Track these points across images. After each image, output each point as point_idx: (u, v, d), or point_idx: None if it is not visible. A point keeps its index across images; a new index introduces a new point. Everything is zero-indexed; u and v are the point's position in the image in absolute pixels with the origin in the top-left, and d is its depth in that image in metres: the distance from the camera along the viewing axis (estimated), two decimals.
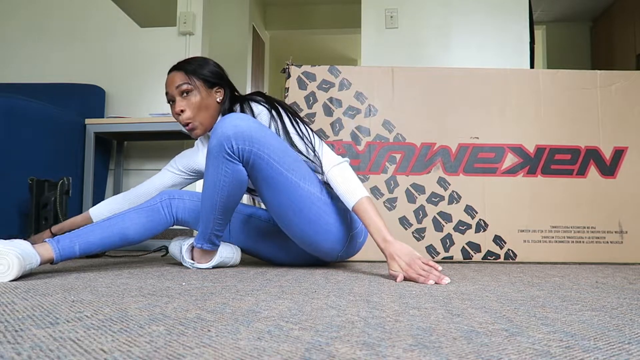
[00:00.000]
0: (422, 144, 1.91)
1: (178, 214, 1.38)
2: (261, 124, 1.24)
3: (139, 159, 2.72)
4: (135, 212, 1.31)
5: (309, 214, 1.26)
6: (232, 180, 1.20)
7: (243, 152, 1.17)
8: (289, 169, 1.22)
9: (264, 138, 1.19)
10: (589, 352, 0.53)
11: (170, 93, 1.38)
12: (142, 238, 1.31)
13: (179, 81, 1.36)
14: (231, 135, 1.15)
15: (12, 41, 2.86)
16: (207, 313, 0.72)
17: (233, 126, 1.16)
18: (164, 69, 2.73)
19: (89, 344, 0.53)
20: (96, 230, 1.23)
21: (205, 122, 1.39)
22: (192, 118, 1.36)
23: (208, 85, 1.39)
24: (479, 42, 2.75)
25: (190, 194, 1.41)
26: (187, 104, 1.36)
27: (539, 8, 4.70)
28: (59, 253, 1.16)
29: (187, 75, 1.37)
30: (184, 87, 1.35)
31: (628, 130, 1.93)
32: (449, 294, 0.97)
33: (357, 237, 1.37)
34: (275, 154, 1.20)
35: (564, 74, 1.96)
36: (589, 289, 1.08)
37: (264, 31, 5.02)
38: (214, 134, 1.19)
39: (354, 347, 0.53)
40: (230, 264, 1.47)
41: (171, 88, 1.37)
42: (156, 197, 1.37)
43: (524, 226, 1.88)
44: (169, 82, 1.38)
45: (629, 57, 4.16)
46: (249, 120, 1.19)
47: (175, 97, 1.37)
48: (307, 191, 1.24)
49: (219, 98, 1.42)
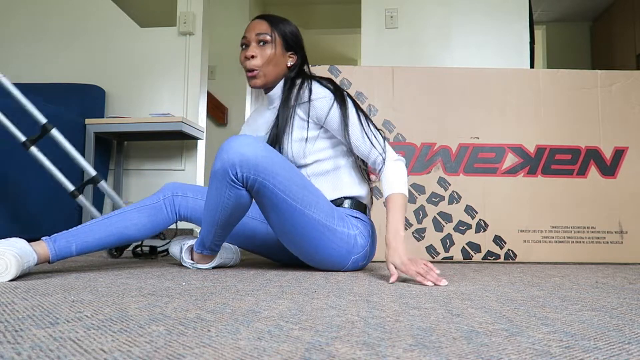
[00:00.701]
0: (422, 144, 1.91)
1: (180, 212, 1.37)
2: (269, 150, 1.18)
3: (139, 159, 2.72)
4: (137, 211, 1.30)
5: (312, 240, 1.25)
6: (235, 203, 1.19)
7: (247, 180, 1.14)
8: (295, 197, 1.19)
9: (271, 167, 1.16)
10: (589, 352, 0.53)
11: (248, 37, 1.36)
12: (141, 237, 1.30)
13: (261, 30, 1.36)
14: (237, 162, 1.12)
15: (12, 41, 2.86)
16: (207, 313, 0.72)
17: (239, 154, 1.13)
18: (164, 69, 2.76)
19: (89, 344, 0.53)
20: (95, 229, 1.22)
21: (269, 76, 1.38)
22: (259, 67, 1.35)
23: (285, 46, 1.39)
24: (479, 42, 2.75)
25: (194, 191, 1.40)
26: (260, 52, 1.35)
27: (539, 8, 4.70)
28: (55, 253, 1.15)
29: (271, 27, 1.37)
30: (263, 37, 1.35)
31: (628, 130, 1.93)
32: (449, 294, 0.97)
33: (360, 260, 1.36)
34: (281, 183, 1.17)
35: (564, 74, 1.97)
36: (589, 289, 1.08)
37: None
38: (218, 157, 1.15)
39: (354, 347, 0.53)
40: (230, 264, 1.47)
41: (251, 33, 1.36)
42: (159, 194, 1.35)
43: (524, 226, 1.88)
44: (250, 27, 1.38)
45: (629, 57, 4.16)
46: (257, 147, 1.15)
47: (251, 42, 1.36)
48: (311, 218, 1.22)
49: (290, 62, 1.41)
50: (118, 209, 1.35)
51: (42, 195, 2.11)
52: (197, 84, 2.71)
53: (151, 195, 1.36)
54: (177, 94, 2.71)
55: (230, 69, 4.14)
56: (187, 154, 2.70)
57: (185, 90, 2.71)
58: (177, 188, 1.38)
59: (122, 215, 1.27)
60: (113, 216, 1.27)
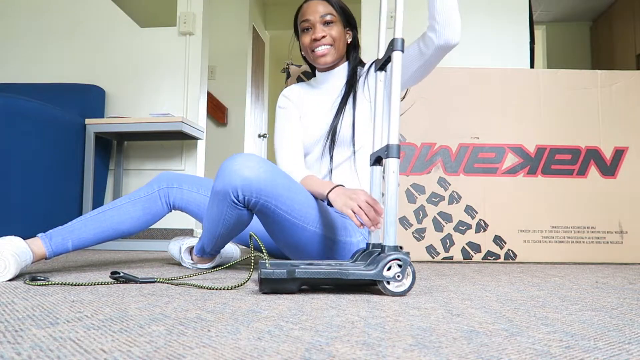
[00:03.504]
0: (422, 144, 1.91)
1: (175, 203, 1.35)
2: (272, 171, 1.14)
3: (139, 159, 2.72)
4: (132, 204, 1.27)
5: (316, 252, 1.25)
6: (236, 221, 1.18)
7: (250, 202, 1.12)
8: (298, 216, 1.18)
9: (274, 189, 1.13)
10: (589, 352, 0.53)
11: (312, 20, 1.35)
12: (137, 230, 1.29)
13: (324, 11, 1.35)
14: (238, 186, 1.10)
15: (12, 41, 2.86)
16: (207, 313, 0.72)
17: (241, 177, 1.09)
18: (164, 69, 2.76)
19: (89, 344, 0.53)
20: (89, 225, 1.21)
21: (338, 52, 1.38)
22: (332, 44, 1.35)
23: (344, 22, 1.39)
24: (479, 42, 2.75)
25: (190, 183, 1.37)
26: (329, 32, 1.35)
27: (539, 8, 4.69)
28: (51, 251, 1.15)
29: (332, 6, 1.37)
30: (329, 17, 1.34)
31: (628, 130, 1.93)
32: (449, 294, 0.97)
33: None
34: (284, 203, 1.15)
35: (564, 74, 1.96)
36: (589, 289, 1.08)
37: (264, 31, 5.02)
38: (220, 177, 1.12)
39: (354, 347, 0.53)
40: (230, 262, 1.47)
41: (314, 16, 1.35)
42: (154, 184, 1.33)
43: (524, 226, 1.88)
44: (311, 9, 1.36)
45: (629, 57, 4.16)
46: (259, 170, 1.11)
47: (315, 24, 1.35)
48: (314, 234, 1.21)
49: (349, 39, 1.42)
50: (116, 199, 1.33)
51: (41, 192, 2.11)
52: (197, 84, 2.71)
53: (146, 185, 1.33)
54: (177, 94, 2.71)
55: (230, 69, 4.14)
56: (187, 154, 2.70)
57: (185, 90, 2.71)
58: (173, 179, 1.35)
59: (117, 210, 1.25)
60: (107, 210, 1.25)
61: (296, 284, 0.95)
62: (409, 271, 0.94)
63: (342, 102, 1.36)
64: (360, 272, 0.94)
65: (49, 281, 1.01)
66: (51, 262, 1.50)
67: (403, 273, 0.93)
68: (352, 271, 0.94)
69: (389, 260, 0.93)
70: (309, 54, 1.38)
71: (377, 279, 0.93)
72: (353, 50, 1.42)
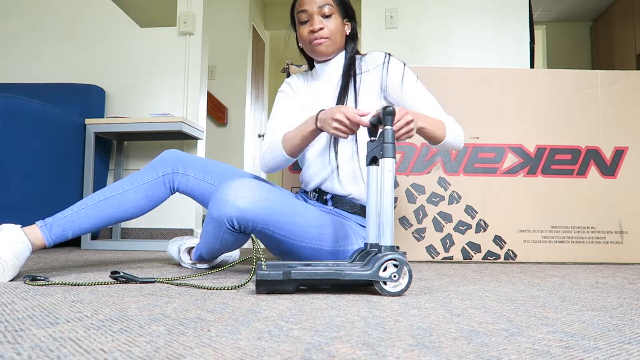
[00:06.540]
0: (422, 144, 1.91)
1: (180, 189, 1.33)
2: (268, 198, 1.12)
3: (139, 159, 2.72)
4: (135, 191, 1.25)
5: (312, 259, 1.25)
6: (234, 241, 1.18)
7: (246, 229, 1.12)
8: (297, 237, 1.18)
9: (269, 217, 1.11)
10: (589, 352, 0.53)
11: (310, 10, 1.33)
12: (137, 216, 1.28)
13: (322, 1, 1.32)
14: (233, 217, 1.08)
15: (12, 41, 2.86)
16: (207, 313, 0.72)
17: (236, 208, 1.08)
18: (164, 69, 2.76)
19: (89, 344, 0.53)
20: (91, 214, 1.20)
21: (336, 45, 1.36)
22: (329, 36, 1.33)
23: (342, 14, 1.37)
24: (479, 42, 2.75)
25: (195, 168, 1.34)
26: (326, 24, 1.33)
27: (539, 8, 4.70)
28: (50, 241, 1.15)
29: None
30: (327, 9, 1.32)
31: (628, 130, 1.93)
32: (449, 294, 0.97)
33: None
34: (282, 229, 1.15)
35: (564, 74, 1.96)
36: (589, 289, 1.08)
37: (264, 31, 5.02)
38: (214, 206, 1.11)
39: (354, 347, 0.53)
40: (230, 262, 1.47)
41: (312, 6, 1.32)
42: (159, 168, 1.30)
43: (524, 226, 1.88)
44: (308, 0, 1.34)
45: (629, 57, 4.16)
46: (254, 199, 1.09)
47: (313, 15, 1.33)
48: (314, 250, 1.21)
49: (348, 31, 1.40)
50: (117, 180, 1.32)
51: (41, 192, 2.11)
52: (197, 84, 2.71)
53: (150, 167, 1.30)
54: (177, 94, 2.71)
55: (230, 69, 4.13)
56: None
57: (185, 90, 2.71)
58: (178, 163, 1.32)
59: (119, 198, 1.23)
60: (110, 197, 1.23)
61: (293, 285, 0.95)
62: (405, 271, 0.94)
63: (341, 92, 1.35)
64: (356, 273, 0.94)
65: (49, 281, 1.01)
66: (51, 262, 1.50)
67: (399, 273, 0.93)
68: (349, 272, 0.94)
69: (385, 260, 0.93)
70: (307, 46, 1.37)
71: (374, 280, 0.93)
72: (351, 41, 1.41)
